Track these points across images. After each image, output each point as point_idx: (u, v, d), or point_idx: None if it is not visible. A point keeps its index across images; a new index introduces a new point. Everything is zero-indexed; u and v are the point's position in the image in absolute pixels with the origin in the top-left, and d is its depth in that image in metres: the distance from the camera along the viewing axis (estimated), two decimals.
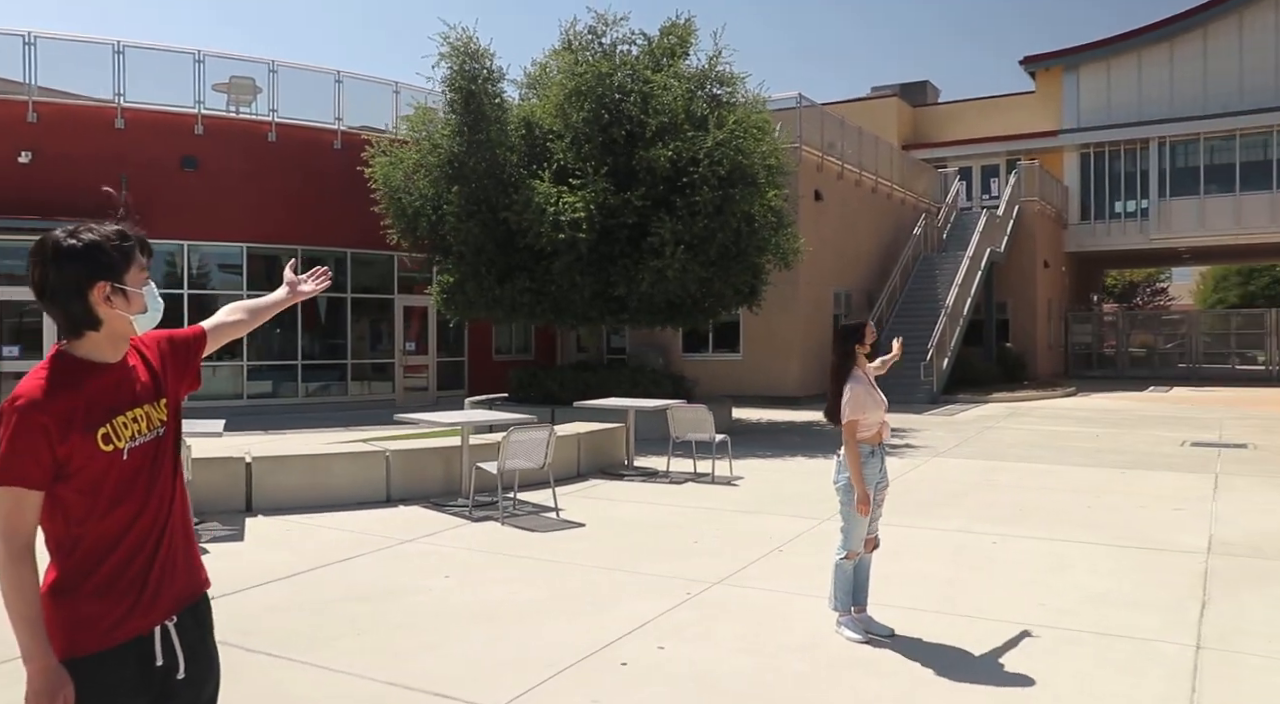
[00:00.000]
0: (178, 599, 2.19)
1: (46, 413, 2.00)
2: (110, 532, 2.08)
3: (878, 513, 5.11)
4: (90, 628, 2.05)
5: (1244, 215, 29.59)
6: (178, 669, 2.14)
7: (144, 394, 2.18)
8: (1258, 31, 29.58)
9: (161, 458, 2.19)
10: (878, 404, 5.05)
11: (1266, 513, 8.10)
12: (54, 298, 2.08)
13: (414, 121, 15.11)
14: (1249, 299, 49.18)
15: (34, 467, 2.00)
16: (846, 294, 23.55)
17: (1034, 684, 4.22)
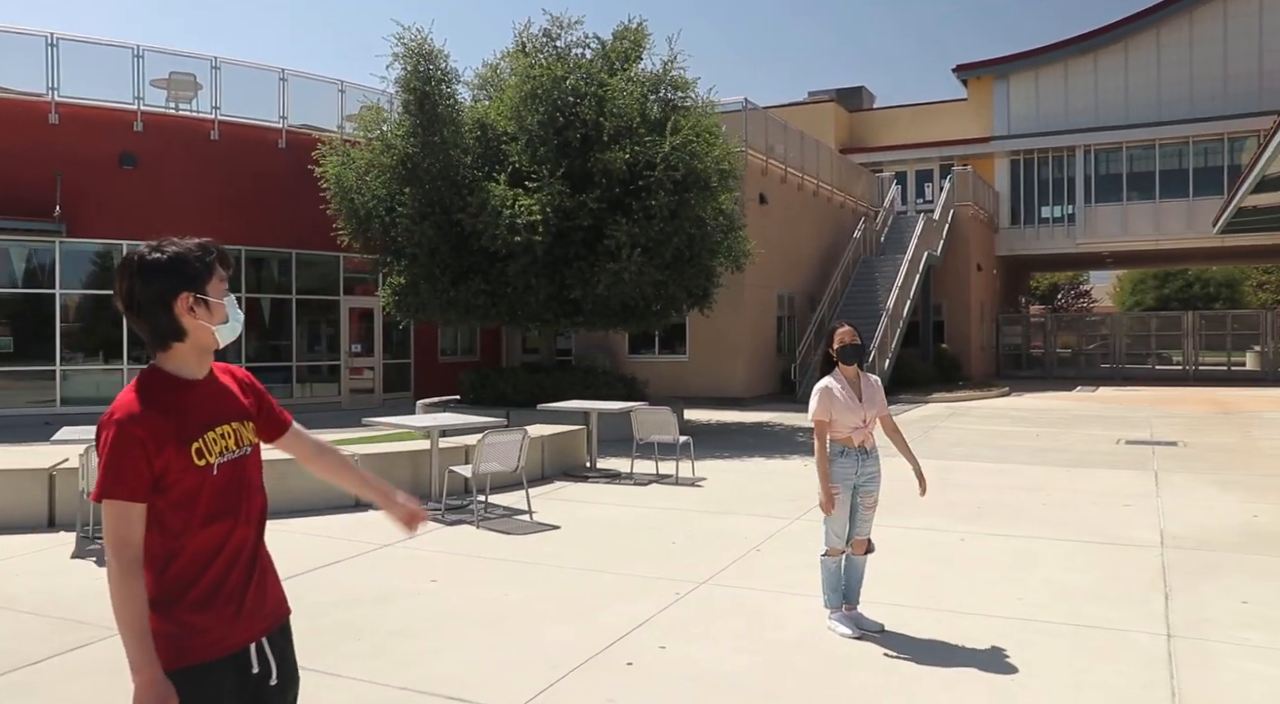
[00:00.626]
0: (271, 614, 2.27)
1: (142, 426, 2.06)
2: (207, 545, 2.13)
3: (866, 516, 5.22)
4: (196, 638, 2.10)
5: (1163, 221, 30.84)
6: (270, 677, 2.21)
7: (232, 412, 2.24)
8: (1173, 48, 30.84)
9: (249, 476, 2.25)
10: (850, 408, 5.07)
11: (1206, 508, 8.53)
12: (141, 310, 2.14)
13: (366, 122, 14.97)
14: (1164, 301, 51.23)
15: (135, 480, 2.05)
16: (790, 296, 23.94)
17: (1025, 673, 4.45)
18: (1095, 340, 33.87)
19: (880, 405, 5.25)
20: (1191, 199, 30.29)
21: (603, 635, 5.08)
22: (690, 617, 5.44)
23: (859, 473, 5.14)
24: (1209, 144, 30.61)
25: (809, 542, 7.32)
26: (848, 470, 5.11)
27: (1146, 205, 30.99)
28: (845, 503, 5.11)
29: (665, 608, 5.60)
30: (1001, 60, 33.19)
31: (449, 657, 4.80)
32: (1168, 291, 52.08)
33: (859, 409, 5.09)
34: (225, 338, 2.21)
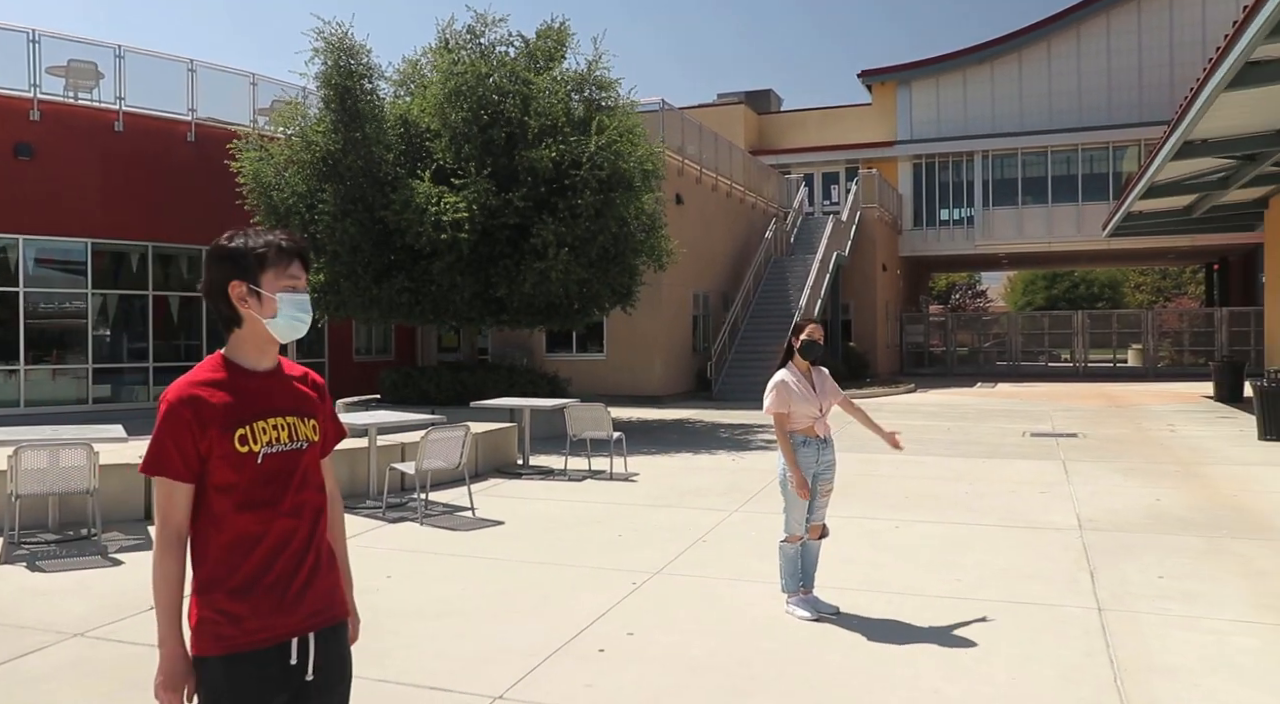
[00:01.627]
0: (322, 611, 2.23)
1: (190, 407, 2.11)
2: (247, 533, 2.14)
3: (821, 502, 5.48)
4: (234, 626, 2.11)
5: (1055, 225, 32.33)
6: (307, 672, 2.18)
7: (291, 406, 2.25)
8: (1063, 60, 32.37)
9: (306, 472, 2.25)
10: (807, 398, 5.31)
11: (1114, 493, 9.08)
12: (208, 293, 2.22)
13: (284, 117, 14.67)
14: (1053, 301, 53.63)
15: (179, 459, 2.10)
16: (705, 296, 24.30)
17: (977, 646, 4.73)
18: (991, 338, 35.28)
19: (834, 393, 5.49)
20: (1081, 203, 31.84)
21: (569, 625, 5.19)
22: (651, 605, 5.59)
23: (819, 461, 5.40)
24: (1095, 152, 32.20)
25: (752, 531, 7.58)
26: (809, 459, 5.35)
27: (1040, 209, 32.45)
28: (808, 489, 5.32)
29: (625, 597, 5.73)
30: (904, 67, 34.28)
31: (421, 650, 4.84)
32: (1056, 292, 54.54)
33: (815, 399, 5.35)
34: (281, 333, 2.22)
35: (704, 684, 4.32)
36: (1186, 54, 30.98)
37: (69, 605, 5.66)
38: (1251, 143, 13.17)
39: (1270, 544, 6.91)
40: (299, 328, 2.24)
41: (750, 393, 22.15)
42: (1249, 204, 19.87)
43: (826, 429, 5.45)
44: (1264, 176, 16.10)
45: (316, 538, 2.27)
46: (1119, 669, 4.42)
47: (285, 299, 2.21)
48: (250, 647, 2.12)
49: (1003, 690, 4.18)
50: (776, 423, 5.36)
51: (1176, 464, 10.92)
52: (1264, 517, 7.92)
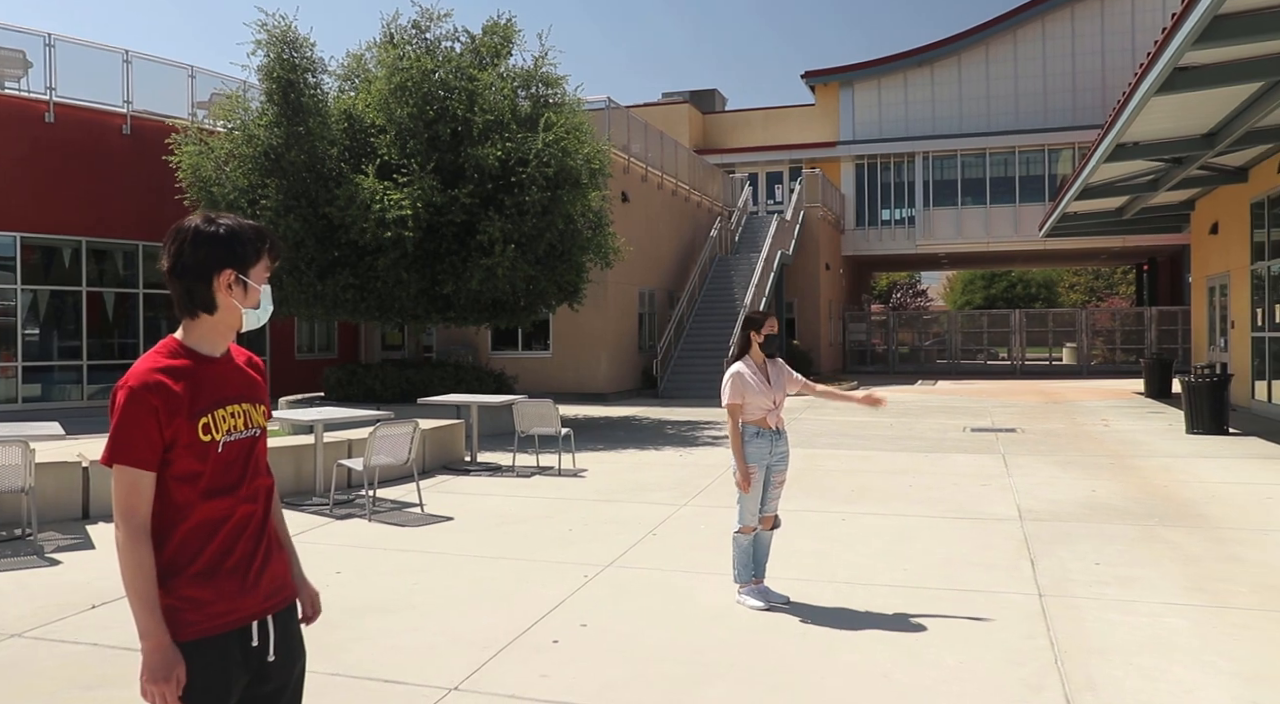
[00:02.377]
0: (278, 592, 2.27)
1: (156, 395, 2.08)
2: (209, 519, 2.14)
3: (775, 493, 5.55)
4: (198, 611, 2.11)
5: (993, 225, 33.01)
6: (269, 653, 2.21)
7: (244, 393, 2.26)
8: (1000, 64, 33.06)
9: (256, 458, 2.27)
10: (762, 391, 5.40)
11: (1051, 485, 9.33)
12: (182, 276, 2.16)
13: (225, 111, 14.40)
14: (991, 300, 54.75)
15: (146, 447, 2.07)
16: (651, 293, 24.38)
17: (925, 632, 4.85)
18: (931, 337, 35.92)
19: (793, 383, 5.59)
20: (1018, 204, 32.56)
21: (522, 617, 5.20)
22: (603, 597, 5.63)
23: (772, 453, 5.48)
24: (1031, 154, 32.94)
25: (701, 525, 7.66)
26: (762, 450, 5.43)
27: (979, 210, 33.12)
28: (759, 481, 5.42)
29: (577, 590, 5.76)
30: (846, 68, 34.71)
31: (375, 644, 4.82)
32: (994, 291, 55.69)
33: (769, 391, 5.43)
34: (251, 323, 2.24)
35: (659, 673, 4.37)
36: (1117, 59, 31.88)
37: (6, 606, 5.52)
38: (1179, 146, 13.60)
39: (1199, 531, 7.16)
40: (265, 317, 2.28)
41: (696, 390, 22.29)
42: (1176, 206, 20.50)
43: (780, 421, 5.53)
44: (1191, 179, 16.63)
45: (269, 522, 2.30)
46: (1059, 651, 4.56)
47: (265, 290, 2.25)
48: (214, 631, 2.12)
49: (951, 673, 4.30)
50: (730, 415, 5.42)
51: (1110, 457, 11.24)
52: (1193, 505, 8.20)
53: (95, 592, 5.79)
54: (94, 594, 5.73)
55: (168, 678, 2.05)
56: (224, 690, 2.12)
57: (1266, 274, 16.00)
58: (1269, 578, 5.87)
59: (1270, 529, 7.25)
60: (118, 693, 4.21)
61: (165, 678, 2.05)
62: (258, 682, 2.19)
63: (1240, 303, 17.41)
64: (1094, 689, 4.08)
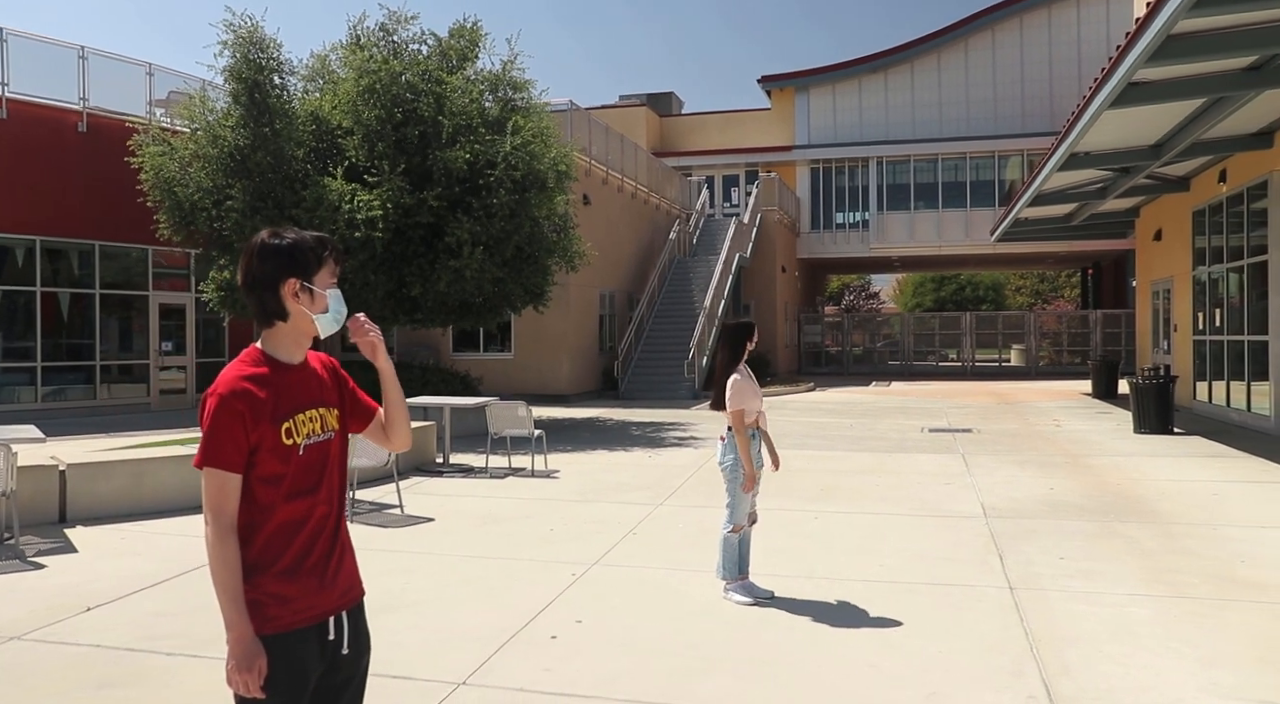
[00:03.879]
0: (350, 590, 2.43)
1: (243, 401, 2.23)
2: (291, 519, 2.30)
3: (756, 490, 5.81)
4: (284, 606, 2.26)
5: (944, 229, 33.71)
6: (343, 646, 2.37)
7: (321, 398, 2.42)
8: (952, 72, 33.79)
9: (332, 460, 2.42)
10: (756, 395, 5.77)
11: (1011, 484, 9.67)
12: (253, 288, 2.34)
13: (190, 111, 14.27)
14: (941, 303, 55.74)
15: (234, 451, 2.22)
16: (611, 295, 24.56)
17: (905, 624, 5.09)
18: (884, 339, 36.54)
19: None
20: (969, 209, 33.30)
21: (518, 614, 5.36)
22: (594, 594, 5.79)
23: (760, 453, 5.81)
24: (982, 160, 33.70)
25: (679, 523, 7.86)
26: (756, 451, 5.74)
27: (931, 214, 33.80)
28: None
29: (567, 588, 5.92)
30: (802, 74, 35.21)
31: (379, 641, 4.78)
32: (944, 294, 56.72)
33: (759, 395, 5.78)
34: (325, 328, 2.39)
35: (658, 666, 4.55)
36: (1064, 69, 32.75)
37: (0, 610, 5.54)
38: (1128, 156, 14.12)
39: (1153, 527, 7.52)
40: (339, 322, 2.41)
41: (657, 391, 22.53)
42: (1122, 213, 21.18)
43: (765, 421, 5.91)
44: (1137, 188, 17.23)
45: (342, 521, 2.45)
46: (1034, 640, 4.83)
47: (333, 295, 2.37)
48: (296, 625, 2.27)
49: (933, 661, 4.54)
50: (735, 420, 5.67)
51: (1065, 456, 11.66)
52: (1145, 502, 8.58)
53: (87, 594, 5.82)
54: (86, 597, 5.77)
55: (251, 667, 2.20)
56: (303, 680, 2.27)
57: (1207, 279, 16.63)
58: (1220, 570, 6.22)
59: (1218, 524, 7.64)
60: (128, 693, 4.30)
61: (249, 667, 2.20)
62: (330, 672, 2.35)
63: (1183, 307, 18.05)
64: (1070, 675, 4.34)
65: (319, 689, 2.33)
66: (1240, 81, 10.37)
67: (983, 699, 4.09)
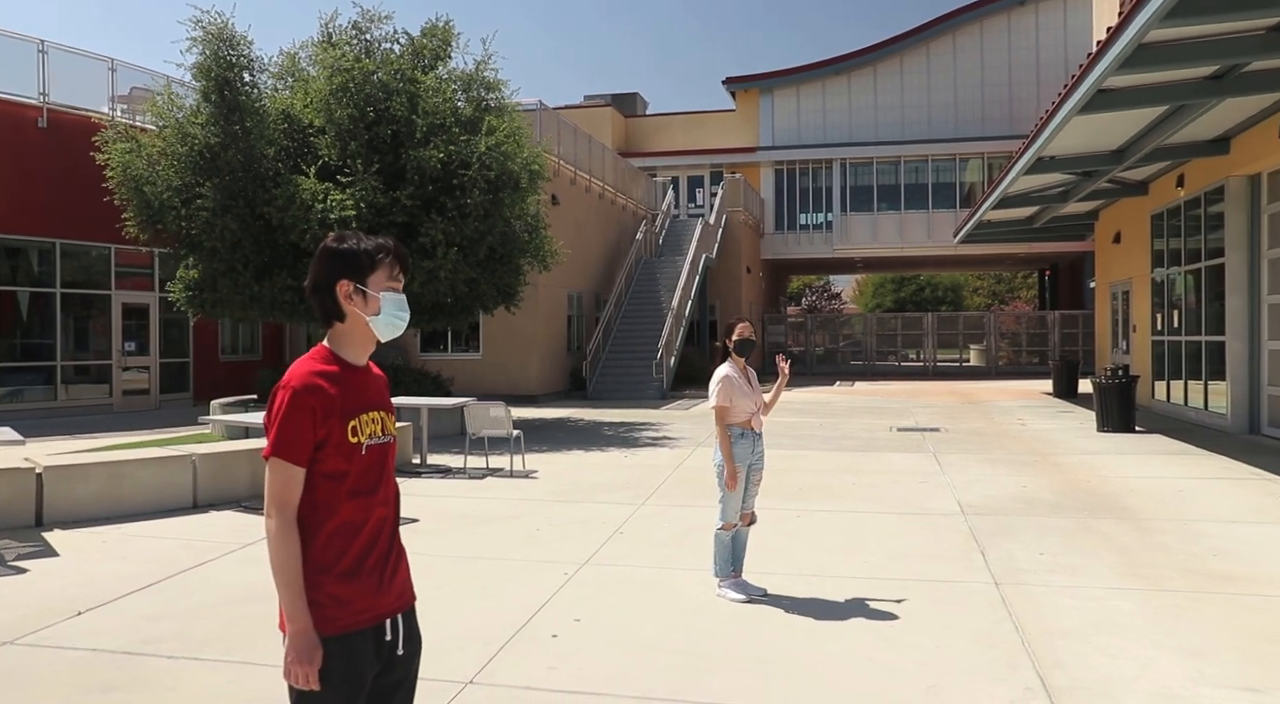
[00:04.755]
0: (405, 593, 2.48)
1: (315, 396, 2.28)
2: (351, 519, 2.33)
3: (754, 491, 5.88)
4: (343, 607, 2.30)
5: (907, 230, 34.16)
6: (398, 647, 2.42)
7: (381, 401, 2.47)
8: (914, 75, 34.25)
9: (389, 464, 2.47)
10: (746, 394, 5.74)
11: (984, 481, 9.87)
12: (315, 289, 2.39)
13: (160, 108, 14.06)
14: (901, 303, 56.39)
15: (301, 445, 2.26)
16: (579, 296, 24.59)
17: (898, 620, 5.20)
18: (847, 339, 36.92)
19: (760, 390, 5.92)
20: (931, 211, 33.79)
21: (515, 614, 5.39)
22: (588, 593, 5.85)
23: (753, 452, 5.78)
24: (943, 163, 34.20)
25: (664, 523, 7.93)
26: (745, 451, 5.74)
27: (893, 215, 34.23)
28: (742, 480, 5.71)
29: (561, 587, 5.97)
30: (766, 76, 35.48)
31: None
32: (904, 294, 57.38)
33: (753, 395, 5.77)
34: (382, 332, 2.42)
35: (659, 663, 4.61)
36: (1022, 74, 33.35)
37: None
38: (1092, 161, 14.43)
39: (1125, 522, 7.73)
40: (399, 326, 2.45)
41: (625, 391, 22.59)
42: (1082, 216, 21.61)
43: (761, 423, 5.85)
44: (1098, 191, 17.60)
45: (397, 525, 2.49)
46: (1024, 634, 4.97)
47: (388, 298, 2.41)
48: (356, 627, 2.31)
49: (930, 655, 4.65)
50: (718, 416, 5.69)
51: (1034, 455, 11.90)
52: (1115, 498, 8.81)
53: (75, 599, 5.76)
54: (75, 601, 5.70)
55: (312, 659, 2.24)
56: (360, 680, 2.32)
57: (1165, 281, 17.05)
58: (1193, 564, 6.41)
59: (1187, 519, 7.86)
60: (133, 696, 4.28)
61: (310, 659, 2.24)
62: (385, 672, 2.40)
63: (1141, 308, 18.48)
64: (1063, 667, 4.48)
65: (374, 690, 2.37)
66: (1202, 90, 10.67)
67: (982, 691, 4.21)
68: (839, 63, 34.70)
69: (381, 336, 2.44)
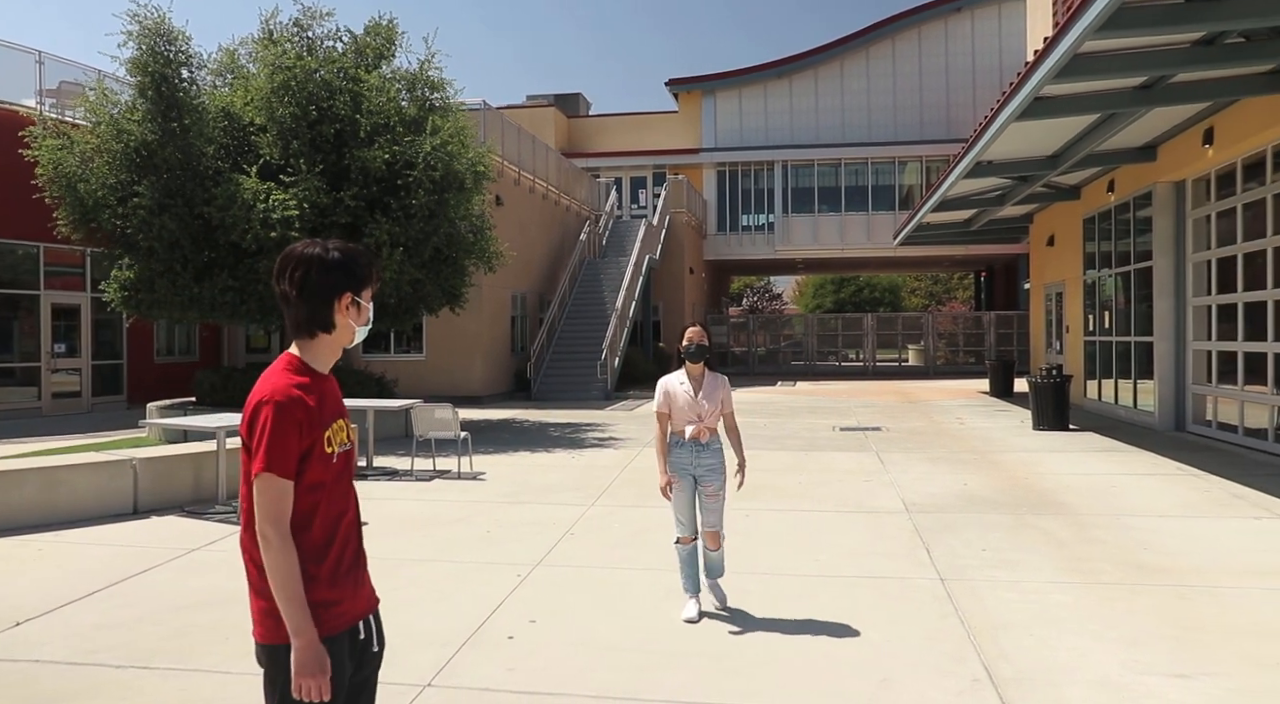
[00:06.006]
0: (372, 594, 2.52)
1: (299, 409, 2.28)
2: (328, 526, 2.35)
3: (709, 505, 5.45)
4: (326, 612, 2.31)
5: (847, 232, 34.65)
6: (373, 644, 2.46)
7: (343, 409, 2.49)
8: (854, 79, 34.78)
9: (352, 468, 2.49)
10: (688, 405, 5.38)
11: (926, 479, 10.09)
12: (309, 298, 2.35)
13: (94, 105, 13.70)
14: (840, 304, 57.16)
15: (289, 458, 2.26)
16: (523, 296, 24.51)
17: (851, 615, 5.32)
18: (788, 339, 37.33)
19: (721, 403, 5.47)
20: (871, 213, 34.33)
21: (471, 616, 5.40)
22: (542, 595, 5.87)
23: (695, 464, 5.43)
24: (882, 166, 34.77)
25: (614, 523, 7.99)
26: (684, 460, 5.43)
27: (834, 217, 34.71)
28: (685, 489, 5.43)
29: (515, 589, 5.98)
30: (709, 78, 35.72)
31: None
32: (843, 295, 58.19)
33: (694, 406, 5.40)
34: (359, 338, 2.47)
35: (619, 663, 4.66)
36: (959, 79, 34.06)
37: None
38: (1028, 166, 14.83)
39: (1062, 518, 7.97)
40: (365, 332, 2.49)
41: (569, 392, 22.57)
42: (1017, 219, 22.16)
43: (705, 434, 5.43)
44: (1033, 195, 18.06)
45: (360, 527, 2.52)
46: (969, 627, 5.11)
47: (370, 309, 2.45)
48: (338, 629, 2.33)
49: (881, 649, 4.77)
50: (658, 422, 5.49)
51: (973, 453, 12.19)
52: (1052, 495, 9.07)
53: (12, 609, 5.62)
54: (13, 611, 5.57)
55: (323, 670, 2.24)
56: (343, 680, 2.34)
57: (1097, 283, 17.57)
58: (1126, 557, 6.65)
59: (1120, 514, 8.14)
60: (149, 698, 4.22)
61: (321, 670, 2.24)
62: (357, 670, 2.43)
63: (1074, 309, 19.01)
64: (1007, 659, 4.63)
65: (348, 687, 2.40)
66: (1132, 99, 11.04)
67: (932, 683, 4.33)
68: (780, 65, 35.08)
69: (357, 341, 2.46)
